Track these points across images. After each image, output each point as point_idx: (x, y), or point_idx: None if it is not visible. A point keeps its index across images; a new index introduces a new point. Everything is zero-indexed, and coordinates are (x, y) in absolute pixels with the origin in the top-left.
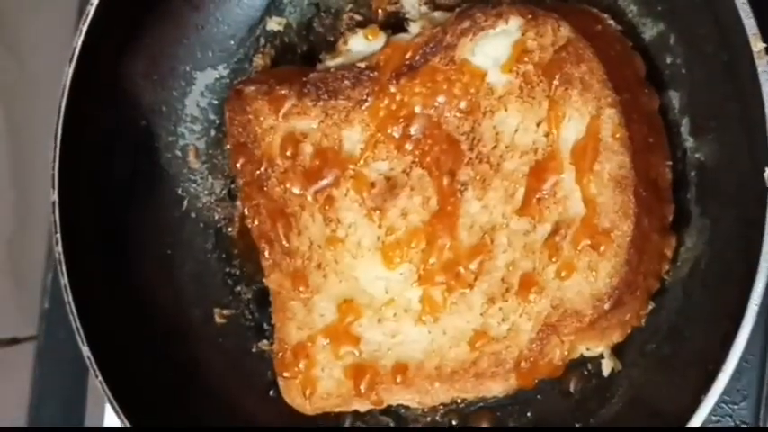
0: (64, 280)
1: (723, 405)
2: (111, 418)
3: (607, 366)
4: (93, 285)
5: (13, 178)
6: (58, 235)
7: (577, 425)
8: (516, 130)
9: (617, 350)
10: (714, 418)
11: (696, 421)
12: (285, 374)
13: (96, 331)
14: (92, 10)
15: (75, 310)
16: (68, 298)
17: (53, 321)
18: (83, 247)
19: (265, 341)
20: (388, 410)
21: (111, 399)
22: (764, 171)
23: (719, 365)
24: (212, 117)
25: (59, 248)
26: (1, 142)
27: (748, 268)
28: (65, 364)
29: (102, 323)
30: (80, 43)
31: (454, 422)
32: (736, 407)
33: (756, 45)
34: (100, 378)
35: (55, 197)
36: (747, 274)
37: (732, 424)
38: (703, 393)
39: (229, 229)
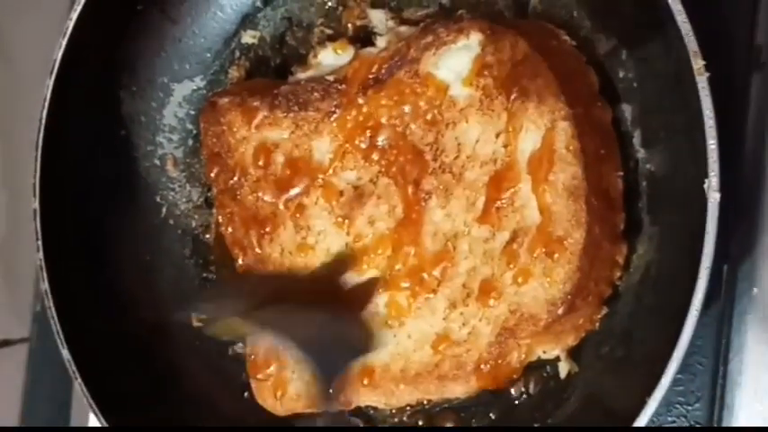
0: (45, 285)
1: (678, 406)
2: (96, 420)
3: (564, 369)
4: (74, 290)
5: (4, 180)
6: (40, 242)
7: (536, 425)
8: (477, 141)
9: (573, 353)
10: (670, 418)
11: (643, 420)
12: (257, 377)
13: (77, 335)
14: (71, 24)
15: (55, 315)
16: (49, 303)
17: (45, 323)
18: (64, 254)
19: (240, 344)
20: (358, 411)
21: (90, 400)
22: (704, 182)
23: (665, 367)
24: (189, 127)
25: (41, 255)
26: None
27: (692, 275)
28: (56, 366)
29: (82, 327)
30: (60, 56)
31: (420, 422)
32: (690, 407)
33: (696, 62)
34: (79, 381)
35: (36, 205)
36: (691, 281)
37: (687, 424)
38: (648, 395)
39: (206, 236)
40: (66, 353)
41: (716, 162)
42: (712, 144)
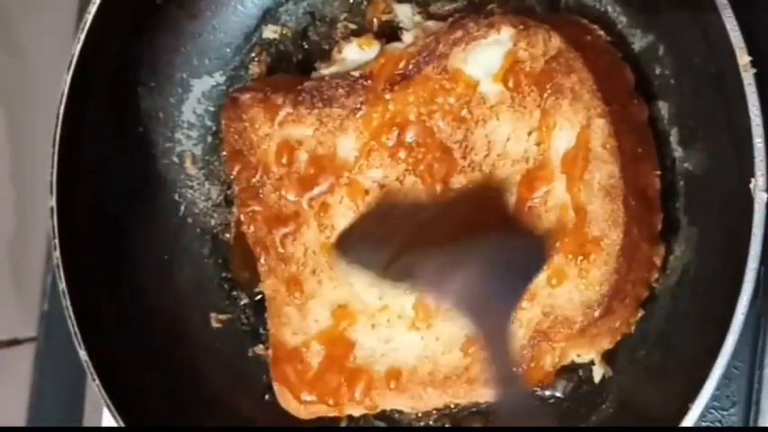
0: (62, 285)
1: (713, 411)
2: (109, 420)
3: (598, 373)
4: (90, 290)
5: (13, 179)
6: (56, 240)
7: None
8: (508, 139)
9: (607, 357)
10: (704, 424)
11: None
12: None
13: (94, 335)
14: (89, 18)
15: (72, 315)
16: (66, 302)
17: (53, 323)
18: (81, 252)
19: (261, 346)
20: (382, 415)
21: (108, 402)
22: (750, 182)
23: (706, 373)
24: (209, 123)
25: (57, 253)
26: (1, 144)
27: (735, 277)
28: (64, 366)
29: (99, 327)
30: (78, 51)
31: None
32: (725, 413)
33: (742, 58)
34: (97, 382)
35: (53, 203)
36: (734, 283)
37: None
38: (690, 401)
39: (226, 235)
40: (83, 354)
41: (763, 161)
42: (759, 143)
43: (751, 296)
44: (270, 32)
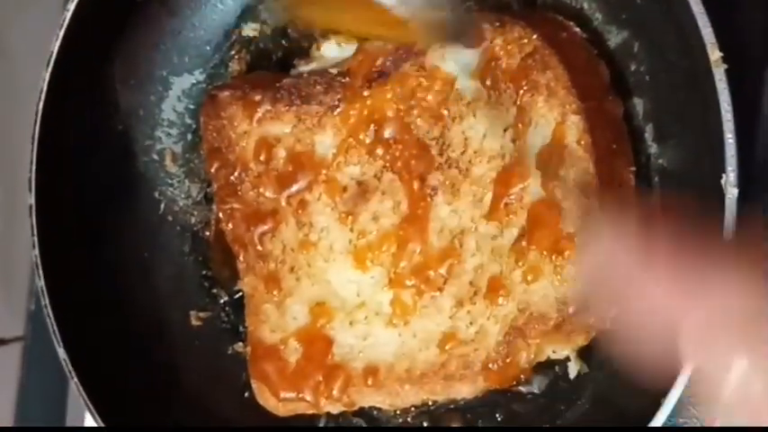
0: (41, 282)
1: (690, 407)
2: (92, 419)
3: (573, 369)
4: (70, 288)
5: None
6: (35, 238)
7: (545, 426)
8: (484, 136)
9: (583, 353)
10: (682, 420)
11: (657, 422)
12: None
13: (73, 333)
14: (68, 15)
15: (51, 313)
16: (45, 301)
17: (40, 322)
18: (60, 250)
19: (240, 343)
20: (361, 412)
21: (87, 400)
22: (721, 178)
23: (680, 369)
24: (189, 121)
25: (36, 252)
26: None
27: None
28: (51, 365)
29: (79, 325)
30: (57, 48)
31: (425, 423)
32: (702, 408)
33: (713, 54)
34: (76, 380)
35: (32, 201)
36: None
37: (699, 425)
38: (663, 396)
39: (206, 233)
40: (62, 352)
41: (734, 157)
42: (730, 138)
43: None
44: (249, 30)
